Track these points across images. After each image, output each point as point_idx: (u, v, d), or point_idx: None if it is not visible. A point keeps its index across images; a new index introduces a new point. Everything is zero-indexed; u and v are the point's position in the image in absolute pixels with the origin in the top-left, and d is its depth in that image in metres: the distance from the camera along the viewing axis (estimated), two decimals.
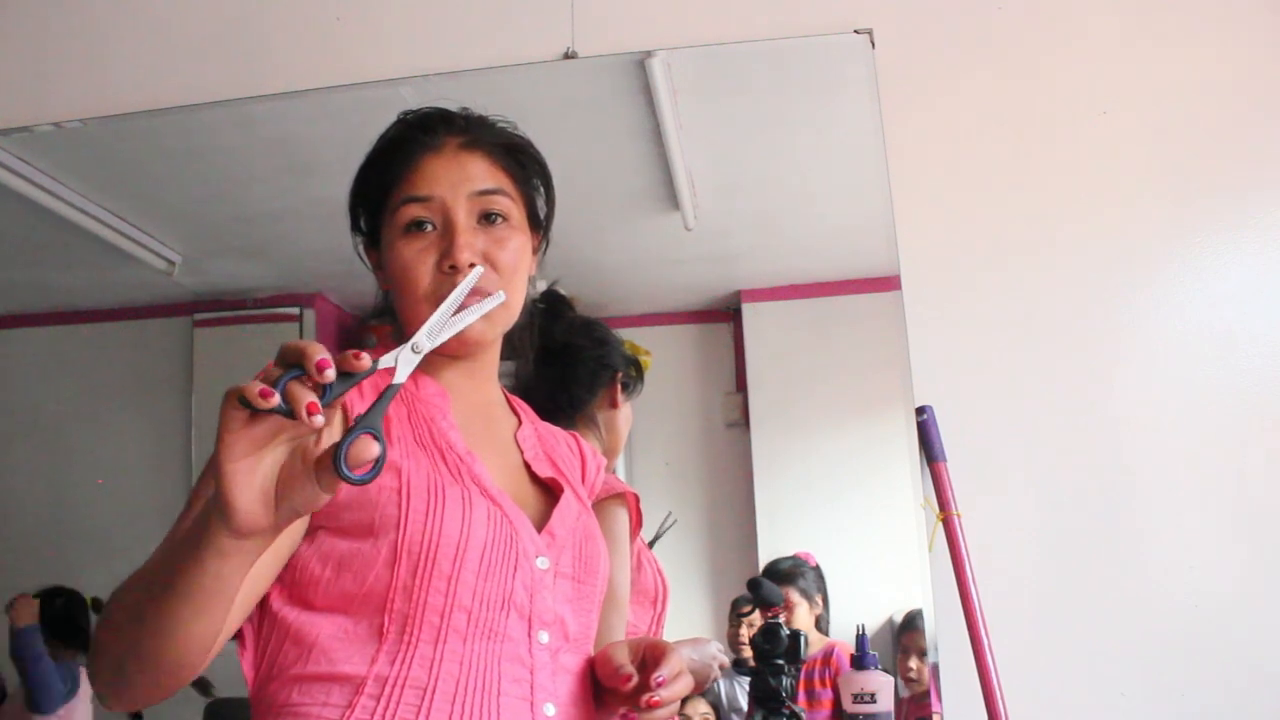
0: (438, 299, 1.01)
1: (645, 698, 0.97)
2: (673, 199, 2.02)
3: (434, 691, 0.94)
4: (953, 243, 1.90)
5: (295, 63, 2.10)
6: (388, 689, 0.94)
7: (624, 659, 1.01)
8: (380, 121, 1.15)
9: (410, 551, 0.96)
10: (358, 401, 0.98)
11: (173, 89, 2.11)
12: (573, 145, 2.03)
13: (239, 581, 0.81)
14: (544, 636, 1.01)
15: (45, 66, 2.21)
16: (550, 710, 0.99)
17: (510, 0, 2.07)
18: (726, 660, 1.70)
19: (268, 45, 2.13)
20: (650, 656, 1.01)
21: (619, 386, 1.66)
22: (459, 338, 0.97)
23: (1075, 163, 1.90)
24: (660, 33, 1.99)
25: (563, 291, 1.69)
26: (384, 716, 0.93)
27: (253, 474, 0.74)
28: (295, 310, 2.09)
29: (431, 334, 0.82)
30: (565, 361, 1.61)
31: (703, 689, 1.65)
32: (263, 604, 1.00)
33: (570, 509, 1.10)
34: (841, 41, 1.93)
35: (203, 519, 0.78)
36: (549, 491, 1.12)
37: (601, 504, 1.43)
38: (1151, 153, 1.89)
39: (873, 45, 1.93)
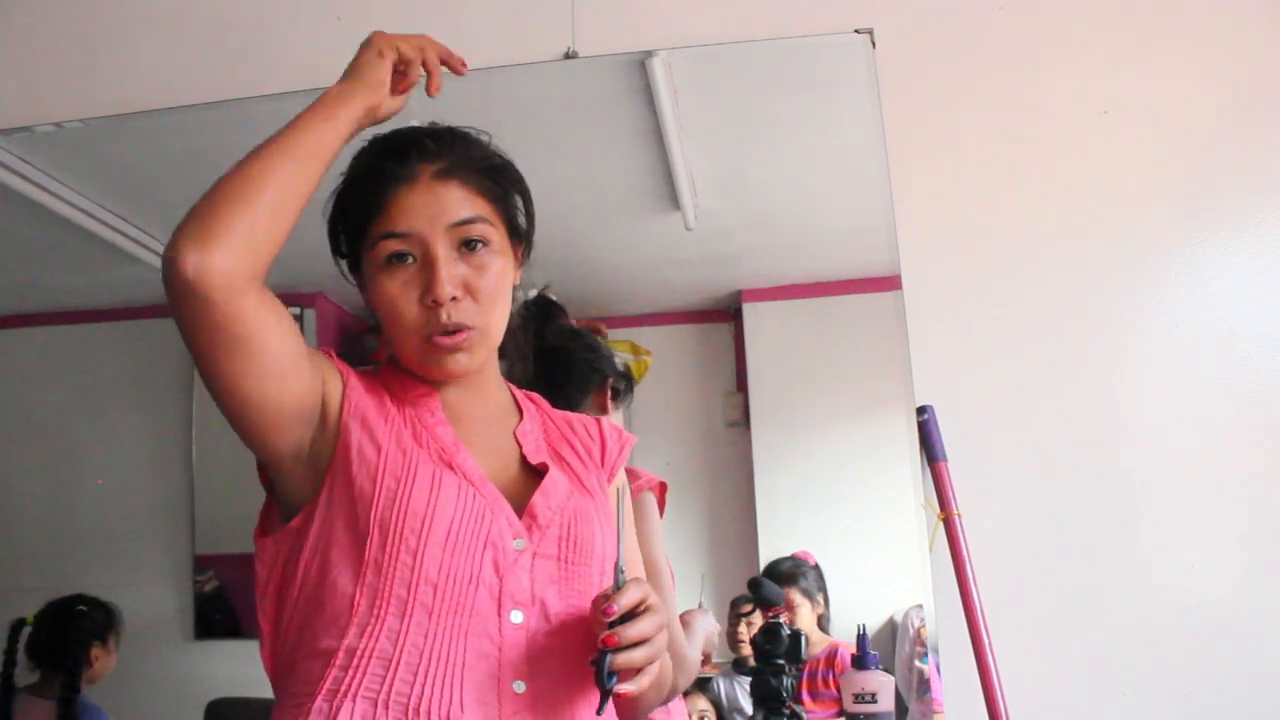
0: (424, 333, 1.07)
1: (600, 635, 0.94)
2: (673, 199, 2.02)
3: (398, 663, 0.97)
4: (953, 243, 1.90)
5: (295, 63, 2.09)
6: (355, 660, 0.98)
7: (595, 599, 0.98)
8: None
9: (381, 526, 0.99)
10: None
11: (173, 89, 2.11)
12: (573, 145, 2.03)
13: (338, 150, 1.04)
14: (518, 616, 1.01)
15: (45, 66, 2.21)
16: (520, 687, 0.99)
17: (510, 0, 2.07)
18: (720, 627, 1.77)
19: (268, 45, 2.13)
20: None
21: (609, 393, 1.67)
22: (443, 369, 1.07)
23: (1075, 163, 1.90)
24: (660, 33, 1.99)
25: (553, 297, 1.71)
26: (350, 686, 0.97)
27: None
28: (296, 310, 2.08)
29: None
30: (557, 364, 1.61)
31: (708, 653, 1.66)
32: (278, 596, 1.04)
33: (556, 490, 1.09)
34: (842, 41, 1.93)
35: (339, 99, 1.08)
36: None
37: (637, 494, 1.48)
38: (1151, 153, 1.89)
39: (873, 45, 1.92)
